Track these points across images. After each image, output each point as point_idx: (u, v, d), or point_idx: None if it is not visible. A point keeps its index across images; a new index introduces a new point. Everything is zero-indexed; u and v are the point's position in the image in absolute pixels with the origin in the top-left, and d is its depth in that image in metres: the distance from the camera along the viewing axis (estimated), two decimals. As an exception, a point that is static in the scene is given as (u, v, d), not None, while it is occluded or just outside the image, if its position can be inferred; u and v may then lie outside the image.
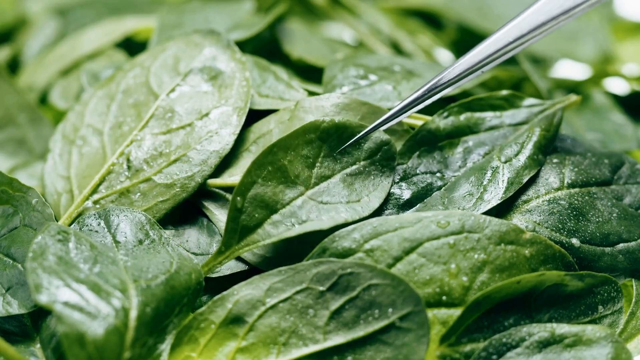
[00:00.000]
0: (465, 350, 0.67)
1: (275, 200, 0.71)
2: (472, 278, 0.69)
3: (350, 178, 0.73)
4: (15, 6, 1.10)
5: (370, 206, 0.72)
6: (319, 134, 0.72)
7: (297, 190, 0.72)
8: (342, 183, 0.72)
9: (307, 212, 0.71)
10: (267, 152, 0.71)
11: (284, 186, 0.72)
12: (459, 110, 0.76)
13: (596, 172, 0.76)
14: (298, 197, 0.72)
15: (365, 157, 0.73)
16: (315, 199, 0.71)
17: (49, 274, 0.64)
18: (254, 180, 0.71)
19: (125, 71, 0.81)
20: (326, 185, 0.72)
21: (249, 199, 0.71)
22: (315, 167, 0.72)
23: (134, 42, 0.96)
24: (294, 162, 0.72)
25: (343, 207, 0.71)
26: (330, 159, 0.73)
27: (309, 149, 0.72)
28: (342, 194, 0.72)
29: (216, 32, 0.81)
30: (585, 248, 0.72)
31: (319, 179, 0.72)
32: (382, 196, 0.72)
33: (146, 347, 0.65)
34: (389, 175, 0.73)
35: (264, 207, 0.71)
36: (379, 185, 0.72)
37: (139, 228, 0.72)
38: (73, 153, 0.79)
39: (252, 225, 0.71)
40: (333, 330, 0.66)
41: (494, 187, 0.73)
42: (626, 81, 1.01)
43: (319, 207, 0.71)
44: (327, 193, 0.72)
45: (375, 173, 0.73)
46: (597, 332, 0.67)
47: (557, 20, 0.73)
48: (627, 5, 1.16)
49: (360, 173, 0.73)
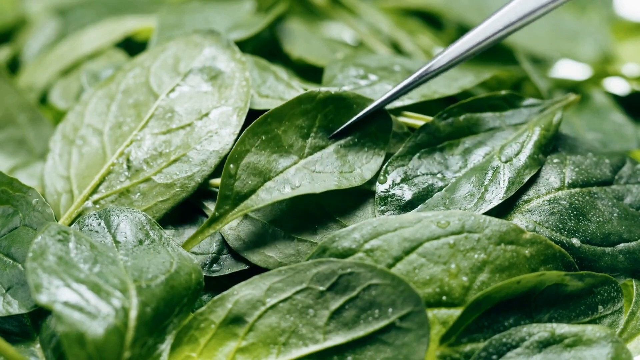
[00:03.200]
0: (465, 350, 0.67)
1: (268, 168, 0.72)
2: (472, 278, 0.69)
3: (344, 149, 0.73)
4: (15, 6, 1.10)
5: (363, 177, 0.72)
6: (314, 104, 0.73)
7: (290, 159, 0.72)
8: (336, 154, 0.73)
9: (300, 179, 0.71)
10: (261, 121, 0.72)
11: (278, 155, 0.72)
12: (459, 111, 0.76)
13: (597, 172, 0.76)
14: (291, 165, 0.72)
15: (360, 128, 0.73)
16: (308, 168, 0.71)
17: (49, 274, 0.64)
18: (247, 149, 0.72)
19: (125, 71, 0.81)
20: (319, 155, 0.72)
21: (242, 167, 0.71)
22: (310, 137, 0.73)
23: (134, 42, 0.96)
24: (288, 132, 0.72)
25: (335, 177, 0.72)
26: (324, 129, 0.73)
27: (303, 119, 0.73)
28: (335, 164, 0.72)
29: (216, 32, 0.81)
30: (586, 248, 0.72)
31: (313, 149, 0.73)
32: (374, 169, 0.72)
33: (146, 347, 0.65)
34: (383, 148, 0.73)
35: (257, 174, 0.71)
36: (372, 158, 0.73)
37: (139, 228, 0.72)
38: (73, 153, 0.79)
39: (245, 192, 0.71)
40: (333, 330, 0.66)
41: (495, 187, 0.73)
42: (626, 81, 1.01)
43: (312, 175, 0.71)
44: (320, 163, 0.72)
45: (370, 145, 0.73)
46: (597, 332, 0.67)
47: (545, 8, 0.75)
48: (627, 5, 1.16)
49: (354, 145, 0.73)
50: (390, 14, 1.03)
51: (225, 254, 0.74)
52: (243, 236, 0.74)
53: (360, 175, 0.72)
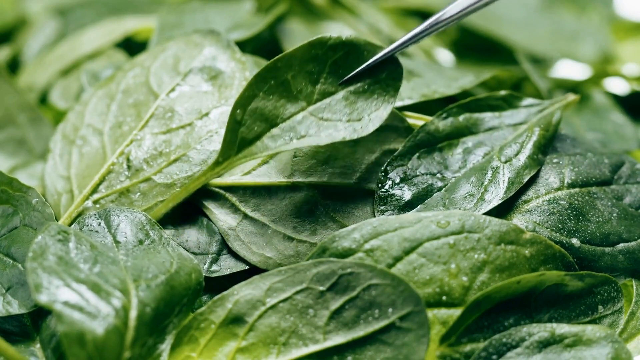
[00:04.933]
0: (465, 350, 0.67)
1: (275, 114, 0.71)
2: (472, 278, 0.69)
3: (353, 96, 0.72)
4: (15, 6, 1.10)
5: (370, 127, 0.71)
6: (324, 50, 0.72)
7: (298, 105, 0.71)
8: (345, 101, 0.72)
9: (306, 128, 0.71)
10: (271, 66, 0.71)
11: (286, 100, 0.71)
12: (458, 111, 0.76)
13: (596, 172, 0.76)
14: (299, 112, 0.71)
15: (370, 75, 0.72)
16: (315, 115, 0.71)
17: (49, 273, 0.64)
18: (255, 94, 0.71)
19: (125, 71, 0.81)
20: (328, 101, 0.72)
21: (249, 112, 0.71)
22: (319, 83, 0.72)
23: (134, 42, 0.96)
24: (297, 77, 0.72)
25: (342, 125, 0.71)
26: (334, 75, 0.72)
27: (313, 64, 0.72)
28: (344, 111, 0.71)
29: (216, 32, 0.81)
30: (585, 248, 0.72)
31: (322, 95, 0.72)
32: (383, 116, 0.71)
33: (146, 347, 0.65)
34: (393, 95, 0.72)
35: (264, 120, 0.71)
36: (381, 105, 0.72)
37: (139, 228, 0.72)
38: (73, 153, 0.79)
39: (250, 138, 0.71)
40: (333, 330, 0.66)
41: (494, 187, 0.73)
42: (626, 81, 1.01)
43: (318, 123, 0.71)
44: (329, 110, 0.71)
45: (379, 92, 0.72)
46: (597, 332, 0.67)
47: None
48: (627, 5, 1.16)
49: (364, 91, 0.72)
50: (390, 14, 1.03)
51: (225, 254, 0.74)
52: (243, 236, 0.74)
53: (367, 124, 0.70)
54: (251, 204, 0.74)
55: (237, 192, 0.75)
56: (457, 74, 0.83)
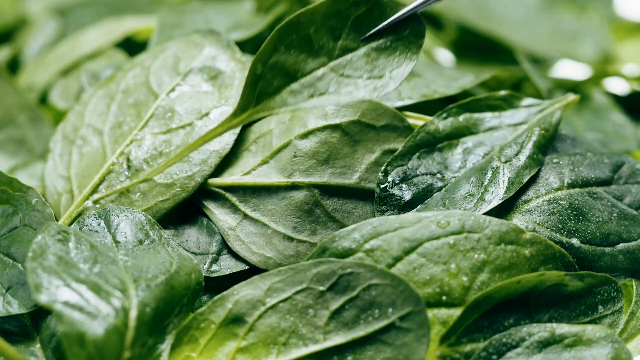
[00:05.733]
0: (465, 350, 0.67)
1: (295, 68, 0.71)
2: (472, 278, 0.69)
3: (375, 53, 0.71)
4: (15, 6, 1.10)
5: (391, 84, 0.70)
6: (347, 5, 0.71)
7: (319, 60, 0.71)
8: (366, 57, 0.71)
9: (326, 84, 0.70)
10: (293, 20, 0.71)
11: (307, 55, 0.71)
12: (458, 111, 0.76)
13: (596, 172, 0.76)
14: (319, 67, 0.71)
15: (393, 32, 0.72)
16: (336, 71, 0.70)
17: (49, 273, 0.64)
18: (277, 48, 0.71)
19: (125, 71, 0.81)
20: (349, 57, 0.71)
21: (269, 66, 0.70)
22: (341, 38, 0.71)
23: (134, 42, 0.96)
24: (319, 32, 0.71)
25: (363, 83, 0.70)
26: (356, 32, 0.72)
27: (336, 20, 0.71)
28: (365, 68, 0.71)
29: (216, 32, 0.81)
30: (585, 248, 0.72)
31: (343, 51, 0.71)
32: (404, 74, 0.71)
33: (146, 347, 0.65)
34: (416, 52, 0.71)
35: (284, 74, 0.71)
36: (403, 62, 0.71)
37: (139, 228, 0.72)
38: (73, 153, 0.79)
39: (270, 91, 0.70)
40: (333, 330, 0.66)
41: (494, 187, 0.73)
42: (626, 81, 1.01)
43: (339, 80, 0.70)
44: (350, 66, 0.71)
45: (402, 49, 0.71)
46: (597, 332, 0.67)
47: None
48: (627, 5, 1.16)
49: (386, 48, 0.71)
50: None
51: (225, 254, 0.74)
52: (243, 236, 0.74)
53: (387, 82, 0.70)
54: (251, 204, 0.74)
55: (237, 192, 0.75)
56: (457, 74, 0.84)
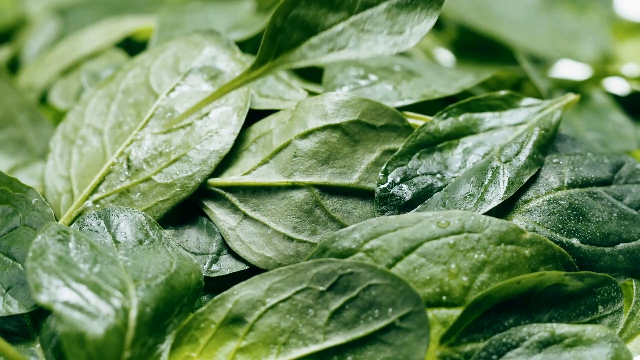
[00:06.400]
0: (465, 350, 0.67)
1: (316, 23, 0.71)
2: (472, 278, 0.69)
3: (396, 9, 0.71)
4: (15, 6, 1.10)
5: (411, 41, 0.70)
6: None
7: (339, 15, 0.71)
8: (387, 13, 0.71)
9: (346, 39, 0.70)
10: None
11: (327, 9, 0.71)
12: (458, 111, 0.76)
13: (596, 172, 0.76)
14: (339, 22, 0.71)
15: None
16: (356, 26, 0.70)
17: (49, 273, 0.64)
18: (297, 1, 0.71)
19: (125, 71, 0.81)
20: (370, 13, 0.71)
21: (289, 19, 0.70)
22: None
23: (134, 42, 0.96)
24: None
25: (383, 39, 0.70)
26: None
27: None
28: (385, 24, 0.71)
29: (216, 32, 0.81)
30: (585, 248, 0.72)
31: (364, 6, 0.71)
32: (425, 30, 0.71)
33: (146, 347, 0.65)
34: (437, 9, 0.71)
35: (304, 28, 0.71)
36: (424, 18, 0.71)
37: (138, 228, 0.72)
38: (73, 153, 0.79)
39: (289, 45, 0.71)
40: (333, 330, 0.66)
41: (494, 187, 0.73)
42: (626, 81, 1.01)
43: (359, 35, 0.70)
44: (370, 21, 0.71)
45: (423, 5, 0.71)
46: (597, 332, 0.67)
47: None
48: (627, 5, 1.16)
49: (407, 4, 0.71)
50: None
51: (225, 254, 0.74)
52: (243, 236, 0.74)
53: (407, 39, 0.70)
54: (251, 204, 0.74)
55: (237, 192, 0.75)
56: (457, 74, 0.83)
